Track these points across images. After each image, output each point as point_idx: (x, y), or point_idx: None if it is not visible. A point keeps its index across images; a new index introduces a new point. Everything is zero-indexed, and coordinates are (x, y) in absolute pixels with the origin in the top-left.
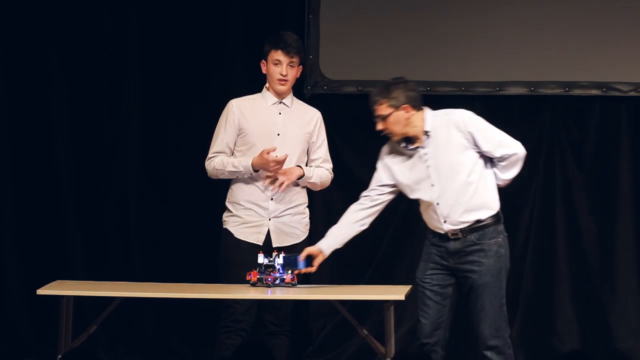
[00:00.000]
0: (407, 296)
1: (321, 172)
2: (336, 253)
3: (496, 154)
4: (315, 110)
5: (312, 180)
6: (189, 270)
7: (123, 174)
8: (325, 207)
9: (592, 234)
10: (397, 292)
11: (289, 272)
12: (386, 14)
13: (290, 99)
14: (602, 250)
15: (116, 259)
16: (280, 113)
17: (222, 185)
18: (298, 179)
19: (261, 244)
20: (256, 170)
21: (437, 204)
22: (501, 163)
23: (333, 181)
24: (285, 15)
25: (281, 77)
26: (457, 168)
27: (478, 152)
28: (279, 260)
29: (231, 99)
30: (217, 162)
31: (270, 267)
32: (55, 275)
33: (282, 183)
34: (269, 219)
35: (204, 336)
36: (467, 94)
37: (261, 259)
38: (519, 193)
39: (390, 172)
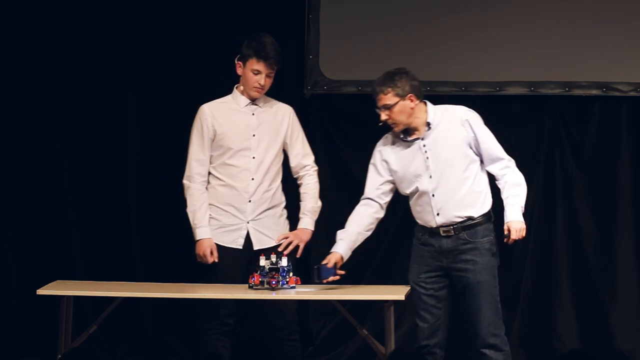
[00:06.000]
0: (407, 296)
1: (312, 188)
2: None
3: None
4: (287, 106)
5: (319, 208)
6: (188, 270)
7: (123, 173)
8: (325, 206)
9: (592, 234)
10: (397, 292)
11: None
12: (386, 14)
13: (262, 99)
14: (602, 250)
15: (116, 259)
16: (253, 114)
17: None
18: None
19: (241, 247)
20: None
21: (433, 195)
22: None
23: (333, 181)
24: (285, 15)
25: (258, 86)
26: (456, 161)
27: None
28: (282, 262)
29: None
30: (189, 194)
31: (274, 269)
32: (55, 275)
33: (297, 246)
34: (248, 222)
35: None
36: (467, 94)
37: (262, 261)
38: None
39: (387, 165)
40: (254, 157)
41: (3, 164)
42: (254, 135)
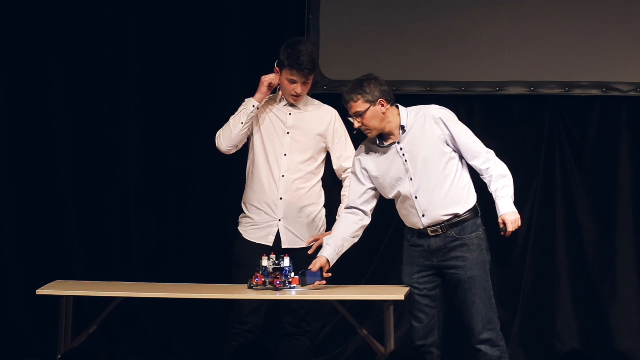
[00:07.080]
0: (406, 296)
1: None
2: None
3: (471, 162)
4: (330, 109)
5: None
6: (189, 270)
7: (123, 173)
8: (326, 207)
9: (592, 234)
10: (397, 292)
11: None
12: (386, 14)
13: (304, 101)
14: (602, 250)
15: (116, 259)
16: (290, 114)
17: (223, 185)
18: None
19: (271, 244)
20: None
21: (416, 197)
22: (488, 174)
23: (334, 181)
24: (285, 15)
25: (294, 94)
26: (434, 161)
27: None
28: (285, 263)
29: (231, 97)
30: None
31: (278, 270)
32: (55, 275)
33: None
34: (279, 220)
35: (204, 336)
36: (467, 94)
37: (265, 262)
38: (519, 193)
39: (367, 173)
40: (285, 155)
41: (3, 164)
42: (288, 133)
